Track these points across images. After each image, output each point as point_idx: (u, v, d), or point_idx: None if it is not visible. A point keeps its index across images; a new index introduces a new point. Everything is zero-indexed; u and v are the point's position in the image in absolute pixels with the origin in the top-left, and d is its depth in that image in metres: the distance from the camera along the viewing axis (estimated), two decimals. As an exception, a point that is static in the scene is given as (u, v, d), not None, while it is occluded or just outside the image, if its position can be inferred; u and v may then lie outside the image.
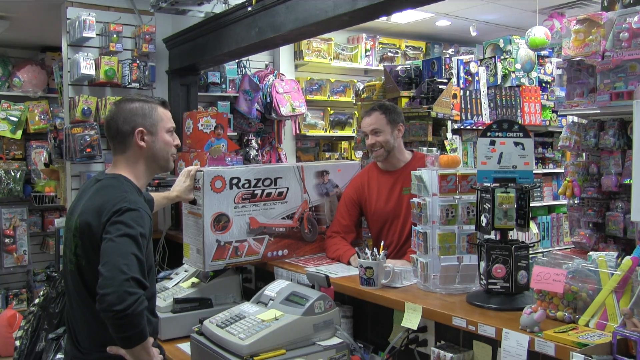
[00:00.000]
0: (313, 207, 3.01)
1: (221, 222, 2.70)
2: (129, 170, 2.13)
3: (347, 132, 6.25)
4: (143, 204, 2.05)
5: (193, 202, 2.72)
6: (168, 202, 2.77)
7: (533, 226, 5.27)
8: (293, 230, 2.94)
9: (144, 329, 1.85)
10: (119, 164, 2.15)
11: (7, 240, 5.66)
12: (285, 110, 5.27)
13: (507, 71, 5.07)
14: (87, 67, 4.24)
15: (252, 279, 3.28)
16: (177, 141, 2.24)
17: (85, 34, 4.19)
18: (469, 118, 4.66)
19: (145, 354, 1.89)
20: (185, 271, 3.08)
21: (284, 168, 2.91)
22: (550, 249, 5.23)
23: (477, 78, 4.82)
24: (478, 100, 4.78)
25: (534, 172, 2.25)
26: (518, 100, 5.08)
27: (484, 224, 2.04)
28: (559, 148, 3.96)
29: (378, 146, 2.93)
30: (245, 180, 2.75)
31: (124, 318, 1.77)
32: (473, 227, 2.19)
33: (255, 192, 2.78)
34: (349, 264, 2.78)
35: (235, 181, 2.73)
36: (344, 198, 3.09)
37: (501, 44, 5.17)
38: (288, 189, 2.89)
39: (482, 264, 2.05)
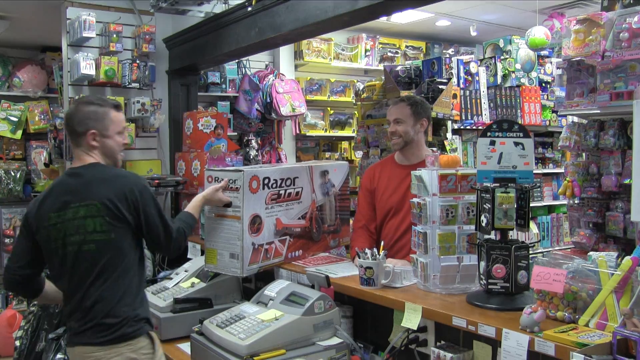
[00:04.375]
0: (319, 207, 3.01)
1: (256, 224, 2.62)
2: (94, 157, 2.35)
3: (347, 132, 6.25)
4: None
5: (228, 204, 2.59)
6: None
7: (533, 226, 5.27)
8: (305, 230, 2.92)
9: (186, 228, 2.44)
10: (83, 156, 2.34)
11: (7, 240, 5.66)
12: (285, 110, 5.27)
13: (507, 71, 5.07)
14: (87, 67, 4.24)
15: (252, 279, 3.28)
16: (127, 140, 2.50)
17: (85, 34, 4.19)
18: (469, 118, 4.67)
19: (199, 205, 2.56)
20: (186, 271, 3.08)
21: (299, 168, 2.89)
22: (550, 249, 5.23)
23: (477, 78, 4.82)
24: (478, 100, 4.78)
25: (534, 172, 2.24)
26: (518, 100, 5.08)
27: (484, 224, 2.04)
28: (559, 148, 3.97)
29: (397, 135, 2.99)
30: (274, 180, 2.70)
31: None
32: (473, 227, 2.19)
33: (280, 192, 2.74)
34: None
35: (266, 181, 2.66)
36: (362, 187, 3.21)
37: (501, 44, 5.18)
38: (302, 188, 2.87)
39: (482, 264, 2.05)
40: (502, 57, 5.10)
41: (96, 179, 2.26)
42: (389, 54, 6.46)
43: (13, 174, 5.61)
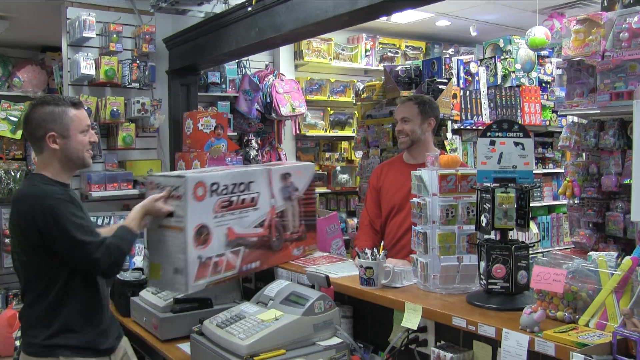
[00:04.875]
0: (279, 213, 2.71)
1: (202, 235, 2.32)
2: (47, 169, 2.24)
3: (347, 132, 6.25)
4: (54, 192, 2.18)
5: (170, 214, 2.29)
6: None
7: (533, 226, 5.27)
8: (263, 239, 2.62)
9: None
10: (39, 164, 2.28)
11: (7, 240, 5.66)
12: (285, 110, 5.27)
13: (507, 71, 5.07)
14: (87, 67, 4.24)
15: (252, 279, 3.28)
16: (93, 138, 2.31)
17: (85, 34, 4.19)
18: (469, 118, 4.67)
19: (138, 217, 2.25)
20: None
21: (255, 171, 2.60)
22: (550, 249, 5.23)
23: (477, 78, 4.82)
24: (478, 100, 4.78)
25: (534, 172, 2.24)
26: (518, 100, 5.09)
27: (484, 224, 2.04)
28: (559, 148, 3.97)
29: (404, 134, 2.99)
30: (224, 186, 2.40)
31: None
32: (473, 227, 2.19)
33: (232, 198, 2.44)
34: None
35: (215, 187, 2.36)
36: (369, 185, 3.18)
37: (501, 44, 5.18)
38: (259, 194, 2.58)
39: (482, 264, 2.05)
40: (502, 57, 5.10)
41: (17, 197, 2.23)
42: (389, 54, 6.46)
43: (13, 174, 5.60)
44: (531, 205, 2.08)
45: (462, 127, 4.63)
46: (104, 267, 2.14)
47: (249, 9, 3.63)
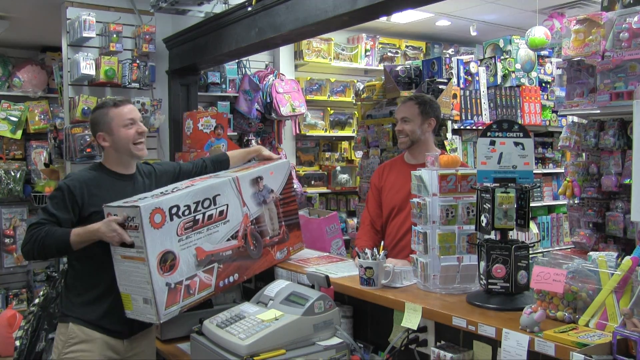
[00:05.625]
0: (254, 220, 2.61)
1: (167, 261, 2.24)
2: (107, 161, 2.55)
3: (347, 132, 6.25)
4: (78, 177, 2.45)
5: (130, 245, 2.22)
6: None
7: (533, 226, 5.27)
8: (239, 251, 2.53)
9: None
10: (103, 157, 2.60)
11: (7, 240, 5.66)
12: (285, 110, 5.27)
13: (507, 71, 5.07)
14: (87, 67, 4.24)
15: (252, 279, 3.28)
16: (141, 128, 2.52)
17: (85, 34, 4.19)
18: (469, 118, 4.66)
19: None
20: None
21: (220, 183, 2.49)
22: (550, 249, 5.23)
23: (477, 78, 4.82)
24: (478, 100, 4.78)
25: (534, 172, 2.24)
26: (518, 100, 5.09)
27: (484, 224, 2.04)
28: (559, 148, 3.97)
29: (404, 134, 2.98)
30: (185, 206, 2.32)
31: None
32: (473, 227, 2.19)
33: (197, 217, 2.35)
34: None
35: (174, 210, 2.28)
36: (371, 185, 3.19)
37: (501, 44, 5.18)
38: (228, 205, 2.48)
39: (482, 264, 2.05)
40: (502, 57, 5.10)
41: None
42: (389, 54, 6.46)
43: (13, 174, 5.61)
44: (531, 205, 2.08)
45: (462, 127, 4.63)
46: (22, 248, 2.35)
47: (249, 9, 3.63)
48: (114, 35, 4.37)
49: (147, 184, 2.57)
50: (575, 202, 3.51)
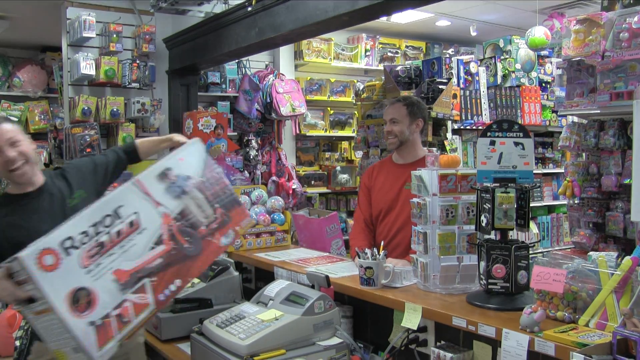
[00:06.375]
0: (178, 215, 2.30)
1: (81, 299, 1.98)
2: (7, 186, 2.37)
3: (347, 132, 6.25)
4: None
5: (30, 300, 1.95)
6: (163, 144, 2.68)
7: (533, 226, 5.27)
8: (172, 254, 2.21)
9: None
10: None
11: (7, 240, 5.65)
12: (285, 110, 5.27)
13: (507, 71, 5.07)
14: (87, 67, 4.24)
15: (252, 279, 3.28)
16: (9, 155, 2.23)
17: (85, 34, 4.19)
18: (469, 118, 4.67)
19: None
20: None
21: (118, 193, 2.19)
22: (550, 249, 5.24)
23: (477, 78, 4.83)
24: (478, 100, 4.79)
25: (534, 172, 2.24)
26: (518, 100, 5.09)
27: (484, 224, 2.04)
28: (559, 148, 3.97)
29: (393, 135, 3.01)
30: (81, 234, 2.04)
31: None
32: (473, 227, 2.19)
33: (101, 240, 2.06)
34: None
35: (68, 244, 2.01)
36: (361, 185, 3.22)
37: (501, 44, 5.18)
38: (138, 213, 2.19)
39: (482, 264, 2.05)
40: (502, 57, 5.10)
41: None
42: (389, 54, 6.46)
43: (13, 174, 5.60)
44: (531, 205, 2.08)
45: (462, 127, 4.63)
46: None
47: (249, 9, 3.63)
48: (114, 35, 4.37)
49: (63, 187, 2.39)
50: (575, 202, 3.51)
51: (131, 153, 2.71)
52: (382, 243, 2.50)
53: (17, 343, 2.97)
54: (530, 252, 2.05)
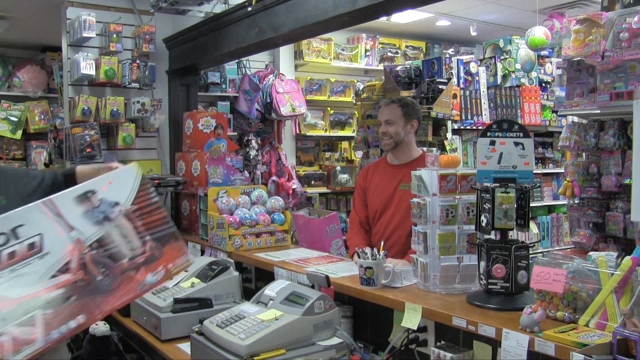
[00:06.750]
0: (95, 244, 2.06)
1: None
2: None
3: (347, 132, 6.25)
4: None
5: None
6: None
7: (533, 226, 5.27)
8: (78, 285, 1.96)
9: None
10: None
11: (7, 240, 5.65)
12: (285, 110, 5.27)
13: (507, 71, 5.07)
14: (87, 67, 4.24)
15: (252, 279, 3.28)
16: None
17: (85, 34, 4.19)
18: (469, 118, 4.67)
19: None
20: (186, 271, 3.08)
21: (21, 210, 1.97)
22: (550, 249, 5.24)
23: (477, 78, 4.83)
24: (478, 100, 4.79)
25: (534, 172, 2.24)
26: (518, 100, 5.09)
27: (484, 224, 2.04)
28: (559, 148, 3.97)
29: (388, 136, 3.03)
30: None
31: None
32: (473, 227, 2.19)
33: None
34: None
35: None
36: (357, 185, 3.25)
37: (501, 44, 5.18)
38: (42, 235, 1.95)
39: (482, 264, 2.05)
40: (502, 57, 5.10)
41: None
42: (389, 54, 6.46)
43: (13, 174, 5.61)
44: (531, 205, 2.08)
45: (462, 127, 4.63)
46: None
47: (249, 9, 3.63)
48: (114, 35, 4.36)
49: None
50: (575, 202, 3.51)
51: (69, 177, 2.46)
52: (382, 243, 2.50)
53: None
54: (530, 252, 2.05)
